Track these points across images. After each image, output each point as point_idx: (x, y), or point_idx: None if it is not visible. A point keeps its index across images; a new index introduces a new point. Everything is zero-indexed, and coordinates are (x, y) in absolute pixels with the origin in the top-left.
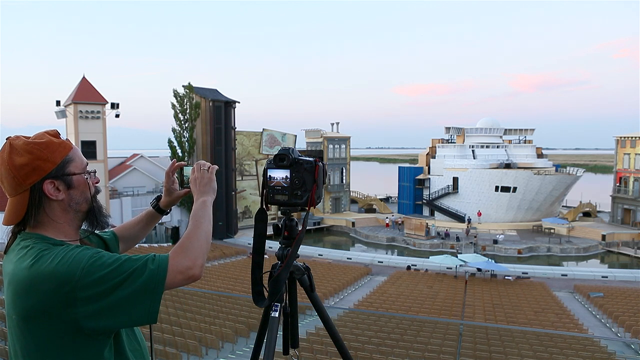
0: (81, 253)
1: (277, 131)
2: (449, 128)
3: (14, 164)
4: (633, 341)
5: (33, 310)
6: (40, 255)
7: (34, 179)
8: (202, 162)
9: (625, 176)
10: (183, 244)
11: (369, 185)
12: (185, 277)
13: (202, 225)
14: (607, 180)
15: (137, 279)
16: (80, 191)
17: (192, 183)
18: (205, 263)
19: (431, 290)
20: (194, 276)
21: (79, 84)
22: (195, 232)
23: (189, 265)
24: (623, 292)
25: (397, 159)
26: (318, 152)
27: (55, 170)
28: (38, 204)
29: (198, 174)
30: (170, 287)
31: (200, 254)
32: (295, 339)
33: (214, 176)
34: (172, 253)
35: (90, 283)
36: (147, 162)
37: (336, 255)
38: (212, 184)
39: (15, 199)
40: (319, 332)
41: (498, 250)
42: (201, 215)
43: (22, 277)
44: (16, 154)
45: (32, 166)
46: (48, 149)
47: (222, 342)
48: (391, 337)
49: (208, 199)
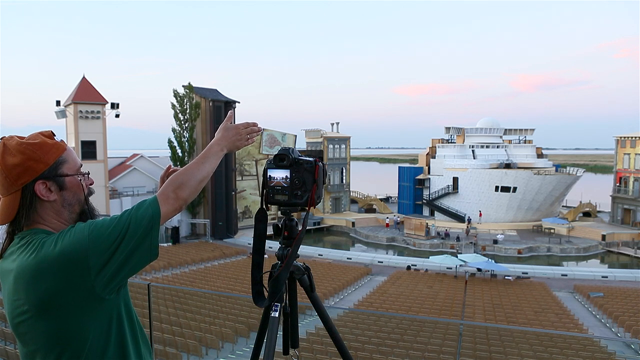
0: (78, 227)
1: (277, 131)
2: (449, 128)
3: (7, 164)
4: (633, 341)
5: (48, 294)
6: (42, 242)
7: (25, 179)
8: (246, 122)
9: (625, 176)
10: (177, 180)
11: (369, 185)
12: (176, 212)
13: (204, 167)
14: (607, 180)
15: (137, 227)
16: (73, 192)
17: (224, 128)
18: (192, 196)
19: (431, 290)
20: (181, 208)
21: (79, 84)
22: (196, 171)
23: (180, 206)
24: (623, 292)
25: (397, 159)
26: (318, 152)
27: (47, 171)
28: (29, 205)
29: (234, 130)
30: (165, 220)
31: (191, 194)
32: (295, 339)
33: (246, 141)
34: (163, 196)
35: (100, 246)
36: (147, 162)
37: (336, 255)
38: (238, 143)
39: (7, 199)
40: (319, 332)
41: (498, 250)
42: (208, 157)
43: (30, 267)
44: (9, 154)
45: (24, 166)
46: (41, 150)
47: (222, 342)
48: (391, 337)
49: (224, 150)
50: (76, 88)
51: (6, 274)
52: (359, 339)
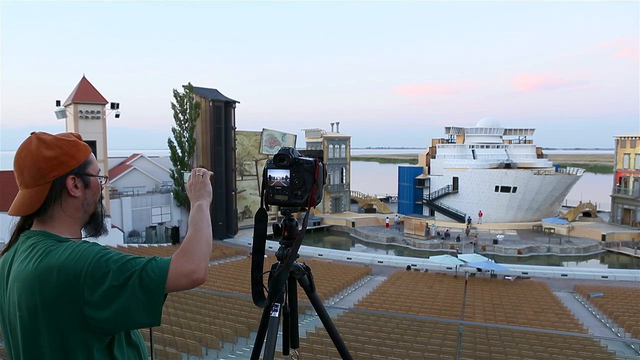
0: (89, 248)
1: (277, 131)
2: (449, 128)
3: (43, 156)
4: (633, 341)
5: (43, 303)
6: (48, 250)
7: (59, 172)
8: (197, 169)
9: (625, 176)
10: (185, 248)
11: (369, 185)
12: (190, 281)
13: (202, 229)
14: (607, 180)
15: (137, 280)
16: (93, 192)
17: (187, 189)
18: (207, 266)
19: (431, 290)
20: (199, 279)
21: (79, 84)
22: (196, 236)
23: (193, 269)
24: (623, 292)
25: (397, 159)
26: (318, 152)
27: (78, 168)
28: (56, 198)
29: (193, 180)
30: (173, 289)
31: (202, 257)
32: (295, 339)
33: (208, 180)
34: (174, 257)
35: (95, 279)
36: (147, 162)
37: (336, 255)
38: (207, 188)
39: (32, 191)
40: (319, 332)
41: (498, 250)
42: (199, 219)
43: (31, 273)
44: (45, 147)
45: (60, 160)
46: (75, 147)
47: (222, 342)
48: (391, 337)
49: (203, 203)
50: (76, 88)
51: (6, 268)
52: (359, 339)
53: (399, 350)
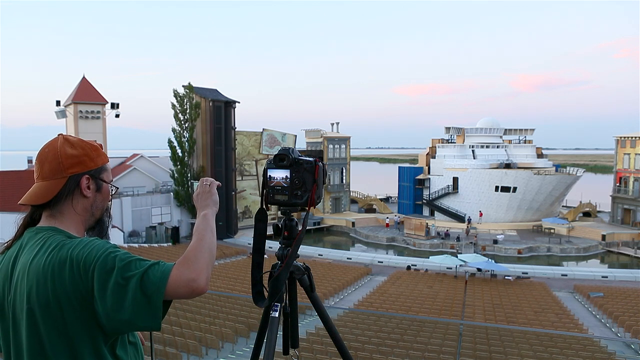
0: (101, 243)
1: (277, 131)
2: (449, 128)
3: (65, 152)
4: (633, 341)
5: (55, 295)
6: (62, 244)
7: (76, 170)
8: (204, 179)
9: (625, 176)
10: (187, 256)
11: (369, 185)
12: (190, 290)
13: (205, 238)
14: (607, 180)
15: (139, 282)
16: (103, 198)
17: (194, 199)
18: (210, 276)
19: (431, 290)
20: (199, 289)
21: (79, 84)
22: (199, 245)
23: (193, 278)
24: (623, 292)
25: (397, 159)
26: (318, 152)
27: (94, 170)
28: (69, 194)
29: (200, 189)
30: (172, 296)
31: (204, 267)
32: (295, 339)
33: (215, 190)
34: (176, 264)
35: (102, 274)
36: (147, 162)
37: (336, 255)
38: (213, 197)
39: (48, 183)
40: (319, 332)
41: (498, 250)
42: (203, 228)
43: (45, 265)
44: (69, 145)
45: (79, 159)
46: (96, 152)
47: (222, 342)
48: (391, 337)
49: (209, 212)
50: (76, 88)
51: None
52: (359, 339)
53: (399, 350)
